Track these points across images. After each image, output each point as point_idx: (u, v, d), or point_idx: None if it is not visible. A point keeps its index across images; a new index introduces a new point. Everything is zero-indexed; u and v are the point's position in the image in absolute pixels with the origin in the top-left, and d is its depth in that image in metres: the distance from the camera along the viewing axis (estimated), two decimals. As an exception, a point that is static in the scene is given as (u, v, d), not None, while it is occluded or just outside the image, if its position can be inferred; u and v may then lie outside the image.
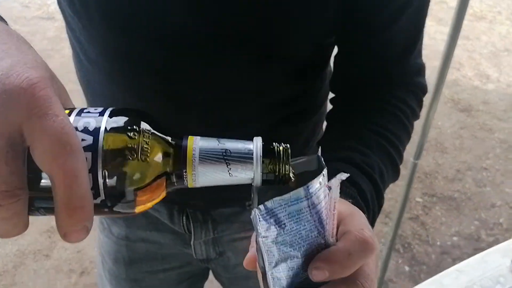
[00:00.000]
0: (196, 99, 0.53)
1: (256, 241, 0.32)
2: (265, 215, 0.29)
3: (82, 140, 0.26)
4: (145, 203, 0.31)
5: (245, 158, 0.30)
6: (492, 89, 2.90)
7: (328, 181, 0.30)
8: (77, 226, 0.25)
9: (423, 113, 1.09)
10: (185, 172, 0.30)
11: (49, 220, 1.84)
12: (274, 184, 0.31)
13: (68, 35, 0.56)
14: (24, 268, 1.71)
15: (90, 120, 0.28)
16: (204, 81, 0.51)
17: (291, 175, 0.32)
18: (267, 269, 0.32)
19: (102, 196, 0.27)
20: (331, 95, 0.61)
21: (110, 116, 0.28)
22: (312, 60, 0.55)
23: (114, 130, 0.28)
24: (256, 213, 0.29)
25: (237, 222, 0.66)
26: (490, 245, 1.79)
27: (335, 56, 0.56)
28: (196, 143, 0.31)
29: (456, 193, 2.07)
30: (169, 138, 0.31)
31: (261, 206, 0.29)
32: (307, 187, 0.29)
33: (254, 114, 0.56)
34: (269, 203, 0.29)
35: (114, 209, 0.29)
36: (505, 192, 2.08)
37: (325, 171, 0.31)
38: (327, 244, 0.32)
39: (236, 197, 0.59)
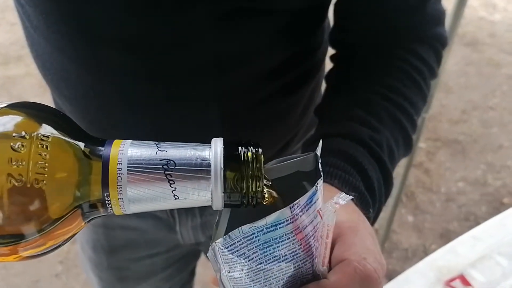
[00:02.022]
0: (165, 70, 0.41)
1: (217, 277, 0.24)
2: (230, 248, 0.22)
3: None
4: (44, 247, 0.21)
5: (196, 172, 0.21)
6: (499, 20, 2.72)
7: (324, 180, 0.25)
8: None
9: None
10: (107, 196, 0.20)
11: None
12: (242, 207, 0.22)
13: None
14: None
15: None
16: (174, 47, 0.39)
17: (264, 193, 0.23)
18: None
19: None
20: (330, 52, 0.49)
21: None
22: (305, 13, 0.43)
23: None
24: (216, 249, 0.23)
25: None
26: (497, 189, 1.73)
27: (335, 4, 0.44)
28: (124, 151, 0.20)
29: (461, 135, 1.97)
30: (81, 145, 0.20)
31: (221, 240, 0.22)
32: (293, 206, 0.21)
33: (242, 86, 0.45)
34: (234, 234, 0.22)
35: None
36: (512, 132, 1.99)
37: (319, 182, 0.22)
38: (315, 275, 0.24)
39: None
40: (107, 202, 0.20)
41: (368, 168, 0.37)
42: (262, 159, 0.22)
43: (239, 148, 0.22)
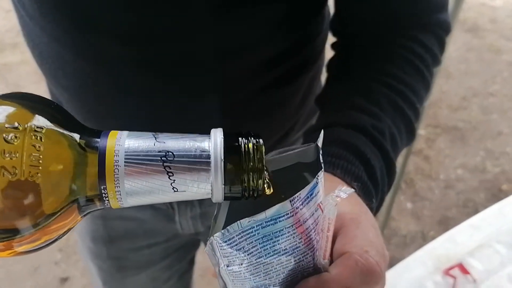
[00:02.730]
0: (163, 60, 0.40)
1: (216, 271, 0.24)
2: (228, 242, 0.22)
3: None
4: (38, 242, 0.20)
5: (196, 163, 0.20)
6: (500, 5, 2.69)
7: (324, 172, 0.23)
8: None
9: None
10: (104, 189, 0.20)
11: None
12: (242, 200, 0.22)
13: None
14: None
15: None
16: (172, 38, 0.38)
17: (265, 185, 0.22)
18: None
19: None
20: (330, 40, 0.48)
21: None
22: (304, 0, 0.42)
23: None
24: (214, 243, 0.22)
25: None
26: (496, 176, 1.73)
27: None
28: (121, 142, 0.20)
29: (461, 122, 1.97)
30: (76, 136, 0.20)
31: (219, 234, 0.21)
32: (293, 199, 0.21)
33: (241, 76, 0.44)
34: (233, 227, 0.21)
35: None
36: (512, 119, 1.98)
37: (320, 175, 0.22)
38: (316, 269, 0.24)
39: None
40: (104, 195, 0.20)
41: (371, 157, 0.36)
42: (263, 150, 0.21)
43: (240, 139, 0.21)
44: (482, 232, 0.75)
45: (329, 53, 0.50)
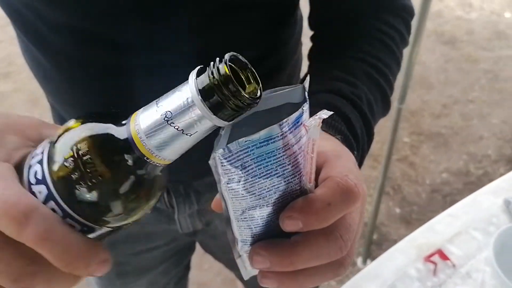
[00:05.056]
0: (149, 66, 0.45)
1: (218, 188, 0.27)
2: (228, 159, 0.25)
3: (39, 192, 0.25)
4: (139, 209, 0.28)
5: (188, 111, 0.24)
6: (476, 17, 2.81)
7: (310, 117, 0.25)
8: (88, 269, 0.25)
9: (407, 51, 1.02)
10: (149, 159, 0.25)
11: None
12: (240, 113, 0.24)
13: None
14: None
15: (37, 168, 0.26)
16: (157, 48, 0.43)
17: (253, 91, 0.25)
18: (232, 217, 0.28)
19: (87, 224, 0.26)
20: (308, 35, 0.53)
21: (49, 151, 0.26)
22: (280, 3, 0.47)
23: (52, 163, 0.25)
24: (217, 158, 0.25)
25: None
26: (479, 178, 1.78)
27: None
28: (138, 124, 0.25)
29: (443, 129, 2.04)
30: (111, 136, 0.25)
31: (221, 150, 0.25)
32: (282, 124, 0.24)
33: None
34: (232, 146, 0.25)
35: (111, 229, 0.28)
36: (492, 124, 2.05)
37: (305, 106, 0.26)
38: (303, 191, 0.27)
39: None
40: (151, 162, 0.25)
41: (351, 117, 0.40)
42: (228, 73, 0.23)
43: (208, 70, 0.24)
44: (459, 220, 0.80)
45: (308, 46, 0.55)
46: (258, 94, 0.25)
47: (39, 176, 0.25)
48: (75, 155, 0.25)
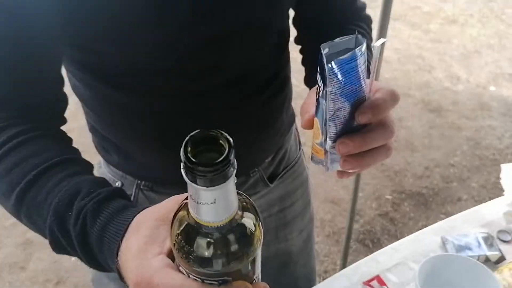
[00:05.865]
0: (203, 87, 0.59)
1: (317, 99, 0.41)
2: (331, 71, 0.37)
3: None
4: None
5: (195, 191, 0.32)
6: (462, 89, 2.99)
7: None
8: None
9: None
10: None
11: (24, 233, 1.87)
12: (215, 175, 0.31)
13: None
14: None
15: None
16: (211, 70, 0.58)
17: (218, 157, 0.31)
18: (328, 119, 0.40)
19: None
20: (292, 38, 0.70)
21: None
22: (281, 27, 0.64)
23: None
24: (326, 70, 0.36)
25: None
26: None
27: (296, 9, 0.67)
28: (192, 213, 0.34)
29: (424, 189, 2.14)
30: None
31: (329, 65, 0.36)
32: (357, 49, 0.36)
33: (247, 95, 0.64)
34: (334, 63, 0.36)
35: None
36: (471, 187, 2.15)
37: (364, 45, 0.38)
38: (366, 98, 0.41)
39: (241, 166, 0.64)
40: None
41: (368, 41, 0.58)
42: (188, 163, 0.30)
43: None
44: (401, 253, 0.89)
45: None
46: (222, 157, 0.29)
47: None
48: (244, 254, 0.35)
